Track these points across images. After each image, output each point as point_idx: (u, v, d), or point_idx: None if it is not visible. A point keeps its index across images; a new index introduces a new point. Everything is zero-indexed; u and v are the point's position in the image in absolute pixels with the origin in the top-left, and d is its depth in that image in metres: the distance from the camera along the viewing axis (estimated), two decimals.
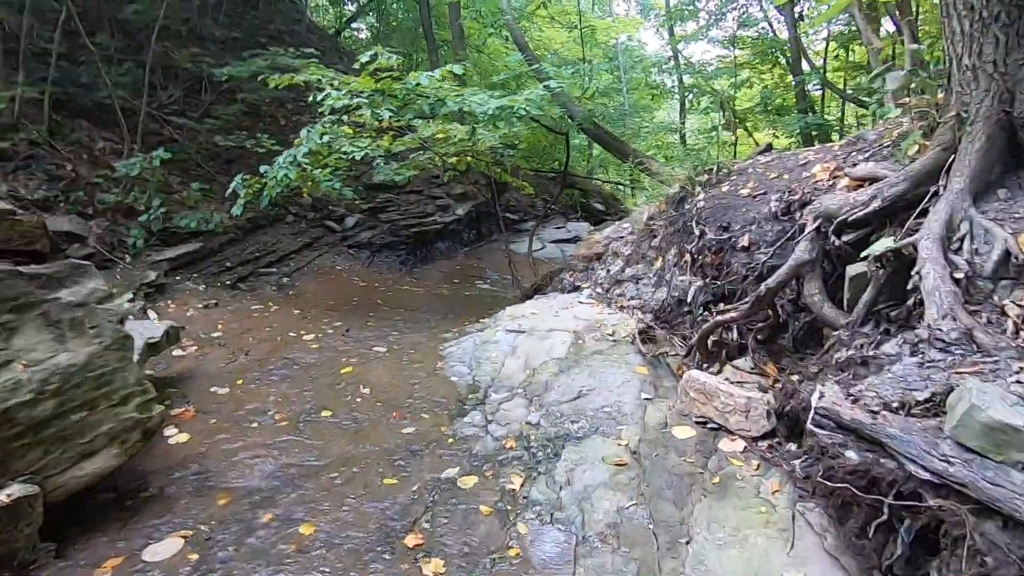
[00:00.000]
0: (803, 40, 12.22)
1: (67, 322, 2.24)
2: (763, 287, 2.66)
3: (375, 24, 17.29)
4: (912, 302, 2.20)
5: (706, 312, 3.25)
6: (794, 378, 2.42)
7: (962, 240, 2.24)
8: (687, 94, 14.29)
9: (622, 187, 13.96)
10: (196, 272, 7.21)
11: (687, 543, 2.05)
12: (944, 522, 1.60)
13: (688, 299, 3.38)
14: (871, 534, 1.79)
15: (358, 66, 5.11)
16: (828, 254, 2.68)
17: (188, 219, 7.34)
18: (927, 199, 2.45)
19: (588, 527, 2.14)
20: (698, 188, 3.94)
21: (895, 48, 9.32)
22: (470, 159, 7.63)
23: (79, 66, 8.12)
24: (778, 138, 13.97)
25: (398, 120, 6.01)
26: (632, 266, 5.01)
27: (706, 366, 3.11)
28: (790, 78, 12.64)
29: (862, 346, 2.15)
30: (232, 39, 11.07)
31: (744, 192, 3.52)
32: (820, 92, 12.95)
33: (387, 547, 2.16)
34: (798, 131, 11.30)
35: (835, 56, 13.24)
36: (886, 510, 1.74)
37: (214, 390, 3.90)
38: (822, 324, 2.64)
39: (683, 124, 14.28)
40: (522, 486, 2.40)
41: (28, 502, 1.93)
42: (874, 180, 2.64)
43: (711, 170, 4.15)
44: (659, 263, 4.53)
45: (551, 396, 3.24)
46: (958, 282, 2.09)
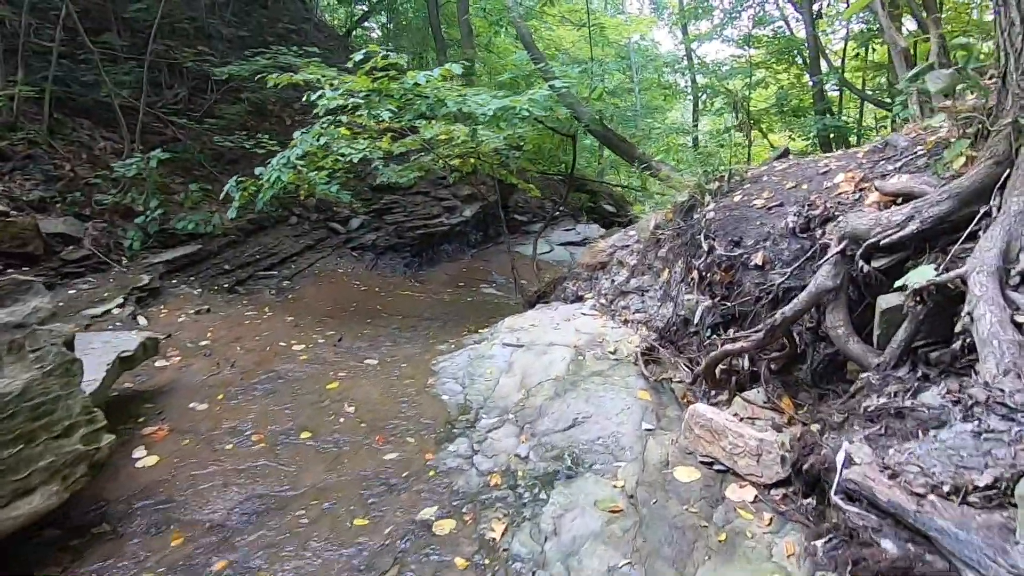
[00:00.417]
0: (821, 39, 11.81)
1: (4, 345, 2.03)
2: (778, 315, 2.36)
3: (386, 23, 17.15)
4: (959, 346, 1.87)
5: (714, 335, 2.97)
6: (814, 427, 2.13)
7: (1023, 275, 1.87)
8: (700, 94, 13.94)
9: (632, 191, 13.65)
10: (193, 275, 7.06)
11: None
12: None
13: (695, 320, 3.11)
14: None
15: (351, 65, 4.89)
16: (854, 280, 2.35)
17: (186, 221, 7.18)
18: (976, 221, 2.08)
19: None
20: (708, 197, 3.66)
21: (916, 46, 8.93)
22: (473, 161, 7.40)
23: (80, 64, 8.03)
24: (794, 140, 13.54)
25: (398, 121, 5.79)
26: (637, 277, 4.74)
27: (714, 394, 2.84)
28: (806, 78, 12.25)
29: (896, 394, 1.84)
30: (239, 37, 10.97)
31: (758, 203, 3.23)
32: (838, 93, 12.51)
33: None
34: (815, 133, 10.90)
35: (855, 55, 12.81)
36: None
37: (192, 406, 3.70)
38: (846, 359, 2.34)
39: (696, 126, 13.93)
40: (503, 535, 2.15)
41: None
42: (909, 196, 2.32)
43: (723, 177, 3.87)
44: (665, 275, 4.26)
45: (544, 423, 2.99)
46: (1021, 328, 1.71)
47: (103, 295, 5.78)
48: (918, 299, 1.98)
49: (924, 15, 7.44)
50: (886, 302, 2.18)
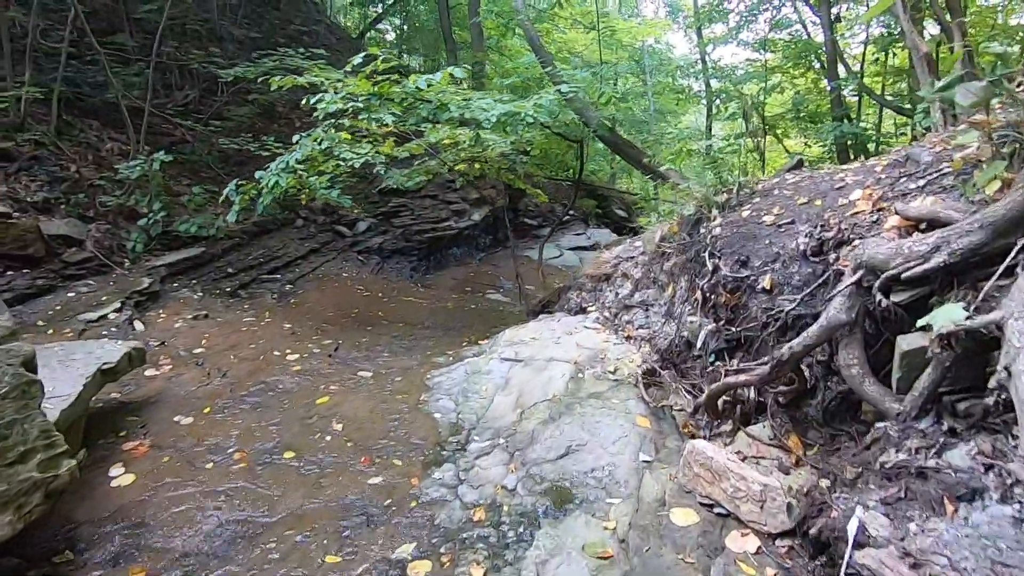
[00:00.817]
0: (839, 43, 11.49)
1: None
2: (785, 350, 2.17)
3: (400, 26, 17.11)
4: (993, 401, 1.62)
5: (718, 361, 2.79)
6: (823, 483, 1.93)
7: None
8: (714, 99, 13.67)
9: (638, 197, 13.43)
10: (195, 279, 6.99)
11: None
12: None
13: (698, 344, 2.92)
14: None
15: (350, 68, 4.77)
16: (871, 314, 2.13)
17: (189, 224, 7.13)
18: (1013, 256, 1.81)
19: None
20: (715, 211, 3.46)
21: (939, 51, 8.62)
22: (478, 166, 7.26)
23: (88, 65, 8.04)
24: (810, 147, 13.22)
25: (402, 124, 5.67)
26: (642, 291, 4.55)
27: (717, 424, 2.65)
28: (824, 83, 11.92)
29: (918, 450, 1.63)
30: (251, 39, 10.98)
31: (768, 219, 3.04)
32: (856, 98, 12.17)
33: None
34: (832, 140, 10.57)
35: (875, 60, 12.46)
36: None
37: (177, 419, 3.60)
38: (860, 398, 2.14)
39: (709, 130, 13.67)
40: None
41: None
42: (934, 223, 2.09)
43: (731, 189, 3.67)
44: (671, 290, 4.07)
45: (536, 451, 2.82)
46: None
47: (101, 299, 5.72)
48: (945, 343, 1.75)
49: (948, 19, 7.16)
50: (907, 343, 1.95)
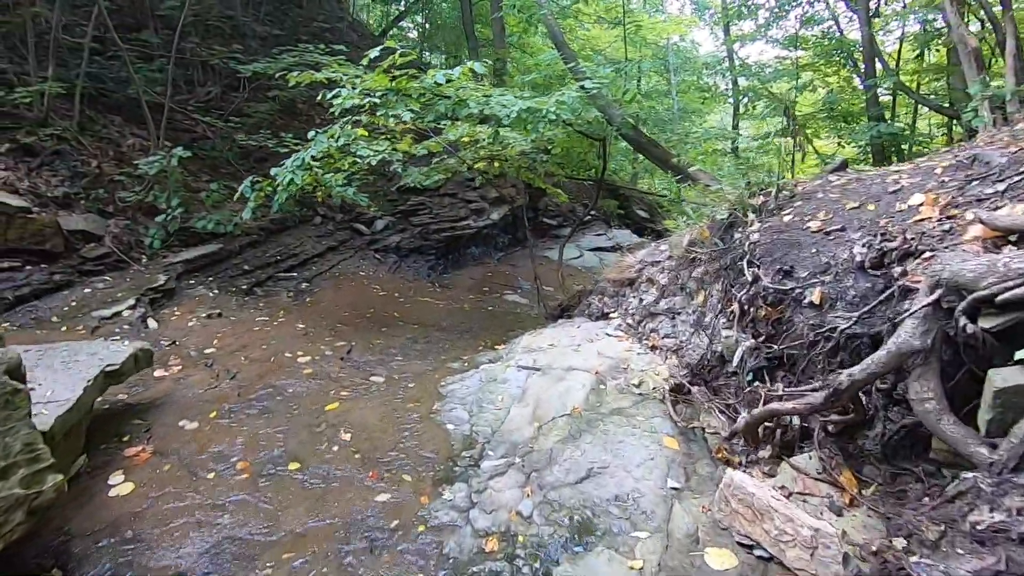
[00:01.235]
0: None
1: None
2: (845, 377, 1.90)
3: (422, 23, 17.01)
4: None
5: (757, 381, 2.54)
6: (898, 543, 1.67)
7: None
8: (742, 98, 13.26)
9: (662, 198, 13.09)
10: (212, 275, 6.94)
11: None
12: None
13: (734, 362, 2.68)
14: None
15: (366, 62, 4.62)
16: (950, 339, 1.85)
17: (206, 220, 7.08)
18: None
19: None
20: (751, 215, 3.20)
21: (992, 47, 8.16)
22: (498, 164, 7.07)
23: (111, 60, 8.06)
24: (843, 147, 12.72)
25: (420, 121, 5.50)
26: (668, 298, 4.30)
27: (755, 450, 2.41)
28: (856, 81, 11.45)
29: (1021, 511, 1.39)
30: (273, 36, 10.96)
31: (813, 225, 2.77)
32: (891, 97, 11.67)
33: None
34: (867, 141, 10.13)
35: (915, 56, 11.93)
36: None
37: (182, 424, 3.48)
38: (935, 436, 1.86)
39: (736, 130, 13.27)
40: None
41: None
42: None
43: (769, 192, 3.41)
44: (700, 298, 3.82)
45: (554, 473, 2.61)
46: None
47: (116, 295, 5.68)
48: None
49: (999, 13, 6.74)
50: (1003, 379, 1.66)
